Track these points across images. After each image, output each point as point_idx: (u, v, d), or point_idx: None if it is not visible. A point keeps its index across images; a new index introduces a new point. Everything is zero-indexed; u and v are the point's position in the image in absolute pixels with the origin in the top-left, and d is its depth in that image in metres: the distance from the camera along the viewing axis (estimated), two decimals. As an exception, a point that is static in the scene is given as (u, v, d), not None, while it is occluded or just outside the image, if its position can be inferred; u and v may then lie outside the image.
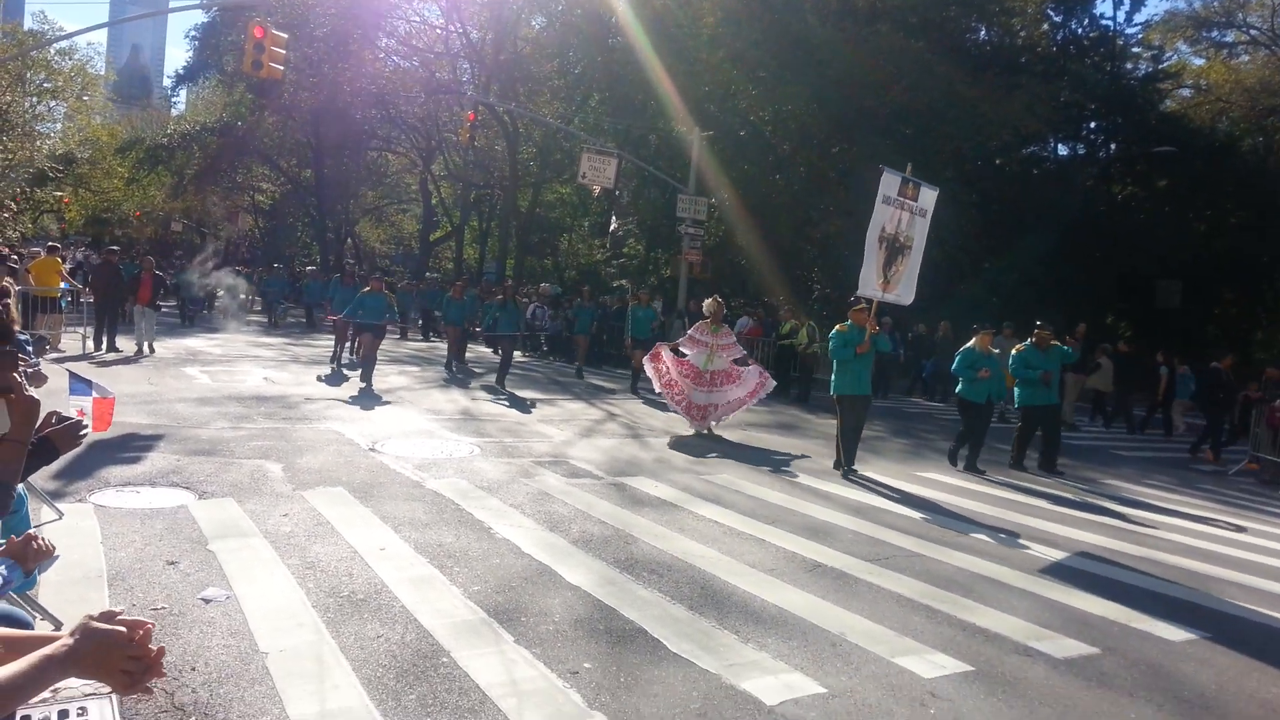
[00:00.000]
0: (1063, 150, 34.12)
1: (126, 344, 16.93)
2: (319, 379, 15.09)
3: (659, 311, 21.57)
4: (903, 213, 10.57)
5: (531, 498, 7.94)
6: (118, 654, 1.71)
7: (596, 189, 31.44)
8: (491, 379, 16.64)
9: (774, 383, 12.95)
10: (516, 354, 22.13)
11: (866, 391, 10.66)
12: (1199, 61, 36.09)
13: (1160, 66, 33.16)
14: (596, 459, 10.08)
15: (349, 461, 8.82)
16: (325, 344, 22.61)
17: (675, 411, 12.81)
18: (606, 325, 22.92)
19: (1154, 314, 29.18)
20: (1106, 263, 28.55)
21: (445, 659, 4.39)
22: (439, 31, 38.96)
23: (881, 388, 18.57)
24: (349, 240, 52.59)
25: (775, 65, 25.79)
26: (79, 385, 12.96)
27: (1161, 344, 20.94)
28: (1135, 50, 33.19)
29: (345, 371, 16.22)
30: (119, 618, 1.76)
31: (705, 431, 12.47)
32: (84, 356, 15.69)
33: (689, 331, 12.99)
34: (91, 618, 1.74)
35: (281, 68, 17.33)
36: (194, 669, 4.08)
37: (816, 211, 26.42)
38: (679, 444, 11.65)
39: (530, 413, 13.42)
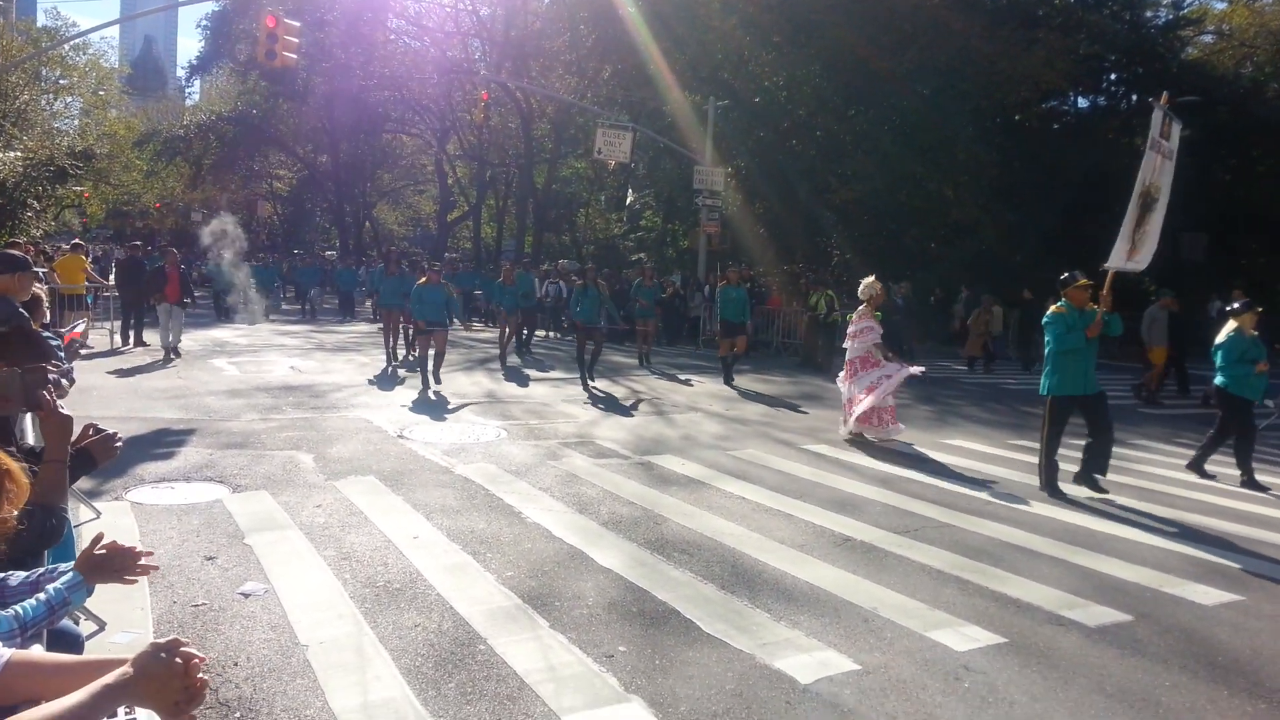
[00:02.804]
0: (1083, 103, 33.62)
1: (154, 337, 17.10)
2: (373, 386, 13.31)
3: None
4: (1159, 157, 8.72)
5: (560, 480, 8.00)
6: (175, 686, 1.75)
7: (612, 163, 31.31)
8: (557, 373, 15.71)
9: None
10: (540, 332, 22.15)
11: (1094, 390, 8.40)
12: (1221, 5, 35.28)
13: (1181, 13, 32.48)
14: (622, 438, 10.13)
15: (378, 449, 8.91)
16: (352, 331, 22.81)
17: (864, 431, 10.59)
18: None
19: (1178, 268, 28.79)
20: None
21: (482, 646, 4.45)
22: (449, 10, 38.82)
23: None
24: (367, 223, 52.78)
25: (789, 29, 25.46)
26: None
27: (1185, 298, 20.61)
28: (1155, -3, 32.56)
29: (401, 372, 14.88)
30: (182, 649, 1.80)
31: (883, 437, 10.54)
32: (111, 353, 15.90)
33: (861, 324, 10.78)
34: (158, 647, 1.78)
35: (295, 56, 17.35)
36: (236, 664, 4.16)
37: (835, 177, 26.19)
38: (856, 442, 10.37)
39: (555, 393, 13.48)
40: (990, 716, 3.93)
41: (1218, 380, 9.40)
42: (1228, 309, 9.81)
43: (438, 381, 13.37)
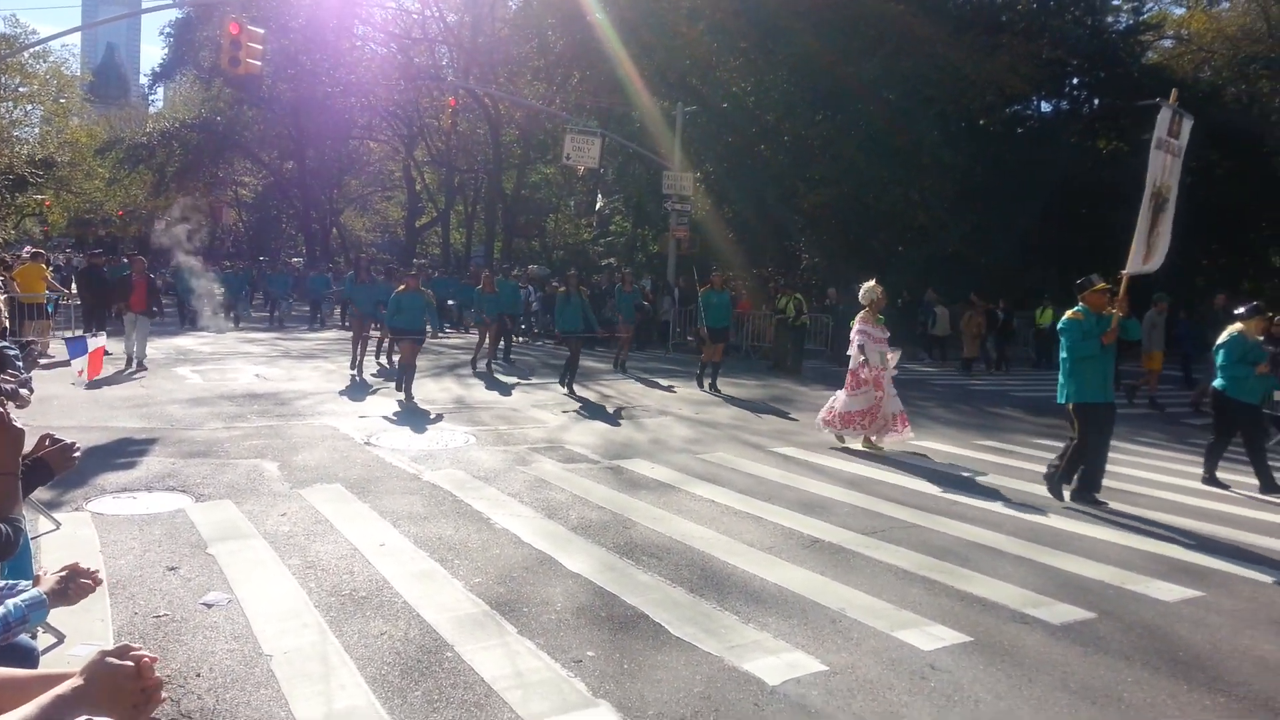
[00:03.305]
0: (1046, 108, 34.10)
1: (116, 346, 16.84)
2: (339, 394, 13.07)
3: (646, 292, 20.77)
4: (1168, 156, 8.57)
5: (529, 485, 7.97)
6: (128, 690, 1.73)
7: (581, 169, 31.31)
8: (534, 381, 15.41)
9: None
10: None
11: (1111, 397, 8.28)
12: (1180, 11, 35.98)
13: (1140, 18, 33.11)
14: (592, 442, 10.11)
15: (345, 457, 8.84)
16: (319, 339, 22.62)
17: (847, 433, 10.43)
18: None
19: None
20: (1094, 218, 28.57)
21: (449, 653, 4.42)
22: (415, 17, 38.68)
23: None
24: (334, 230, 52.40)
25: (756, 35, 25.67)
26: (75, 347, 12.81)
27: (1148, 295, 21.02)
28: (1115, 3, 33.10)
29: (368, 380, 14.67)
30: (132, 653, 1.77)
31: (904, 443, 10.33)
32: (68, 363, 15.62)
33: (860, 327, 10.41)
34: (106, 653, 1.75)
35: (259, 63, 17.20)
36: (199, 675, 4.10)
37: (802, 182, 26.37)
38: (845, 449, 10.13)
39: (524, 399, 13.44)
40: (956, 715, 3.96)
41: (1216, 383, 9.33)
42: (1235, 312, 9.69)
43: (409, 396, 12.75)
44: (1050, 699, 4.13)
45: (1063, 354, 8.25)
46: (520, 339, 23.65)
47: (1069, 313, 8.29)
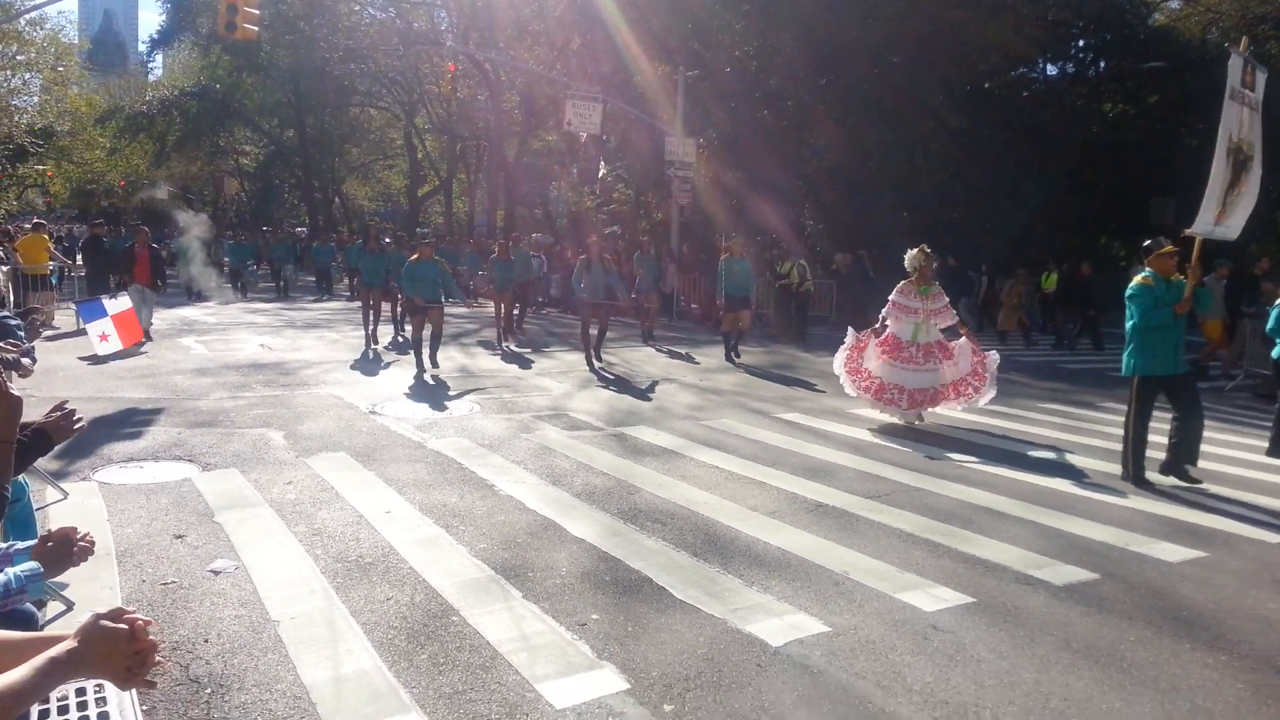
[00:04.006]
0: (1052, 70, 33.70)
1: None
2: (344, 363, 13.04)
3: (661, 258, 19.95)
4: (1244, 109, 7.80)
5: (533, 453, 7.99)
6: (121, 651, 1.74)
7: (583, 136, 31.07)
8: (557, 354, 14.81)
9: (996, 360, 9.76)
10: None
11: (1183, 368, 7.60)
12: (1187, -30, 35.42)
13: (1147, -23, 32.60)
14: (596, 410, 10.13)
15: (350, 425, 8.86)
16: (324, 308, 22.63)
17: (885, 412, 9.90)
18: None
19: (1147, 233, 29.04)
20: (1099, 183, 28.37)
21: (455, 618, 4.46)
22: (414, -20, 38.23)
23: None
24: (336, 199, 52.21)
25: (759, -2, 25.35)
26: (91, 310, 12.84)
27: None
28: (1122, -38, 32.60)
29: (384, 354, 14.32)
30: (126, 615, 1.78)
31: (918, 421, 9.84)
32: (79, 333, 15.65)
33: (892, 297, 9.94)
34: (100, 616, 1.76)
35: (256, 28, 17.06)
36: (207, 641, 4.14)
37: (806, 147, 26.18)
38: (884, 429, 9.52)
39: (529, 367, 13.45)
40: (958, 674, 3.98)
41: (1275, 353, 9.03)
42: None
43: (435, 365, 12.67)
44: (1053, 658, 4.16)
45: (1129, 322, 7.50)
46: (532, 309, 23.52)
47: (1138, 278, 7.50)
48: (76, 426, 3.32)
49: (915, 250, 9.97)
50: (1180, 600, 4.93)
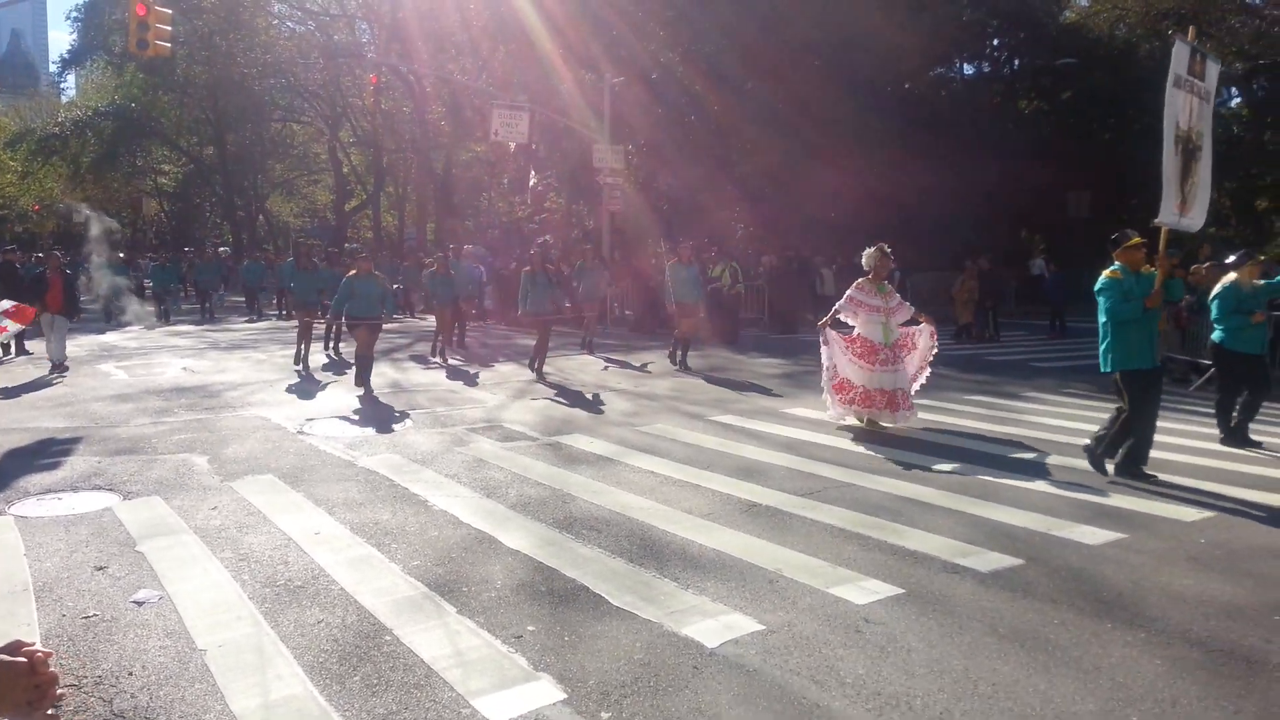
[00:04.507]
0: (968, 70, 34.60)
1: (38, 346, 16.28)
2: (270, 384, 12.63)
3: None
4: (1193, 98, 7.84)
5: (467, 466, 7.92)
6: (21, 685, 1.68)
7: (511, 145, 30.96)
8: (494, 366, 14.84)
9: (933, 330, 9.99)
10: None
11: (1156, 362, 7.62)
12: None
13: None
14: (531, 420, 10.09)
15: (277, 447, 8.69)
16: (249, 329, 22.15)
17: (852, 415, 9.76)
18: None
19: (1066, 226, 29.94)
20: (1017, 178, 29.13)
21: (388, 637, 4.39)
22: (332, -8, 37.77)
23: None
24: (260, 216, 51.21)
25: (681, 3, 25.57)
26: None
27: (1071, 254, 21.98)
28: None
29: (315, 375, 13.85)
30: (24, 648, 1.73)
31: (892, 425, 9.58)
32: (-9, 362, 15.12)
33: (850, 293, 9.86)
34: None
35: (169, 45, 16.64)
36: (131, 674, 4.02)
37: (735, 151, 26.44)
38: (862, 435, 9.23)
39: (463, 380, 13.34)
40: (889, 665, 4.05)
41: (1214, 336, 9.11)
42: (1227, 261, 9.44)
43: (364, 386, 12.01)
44: (980, 644, 4.26)
45: (1102, 318, 7.45)
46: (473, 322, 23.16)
47: (1106, 272, 7.46)
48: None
49: (873, 249, 9.89)
50: (1101, 582, 5.09)
